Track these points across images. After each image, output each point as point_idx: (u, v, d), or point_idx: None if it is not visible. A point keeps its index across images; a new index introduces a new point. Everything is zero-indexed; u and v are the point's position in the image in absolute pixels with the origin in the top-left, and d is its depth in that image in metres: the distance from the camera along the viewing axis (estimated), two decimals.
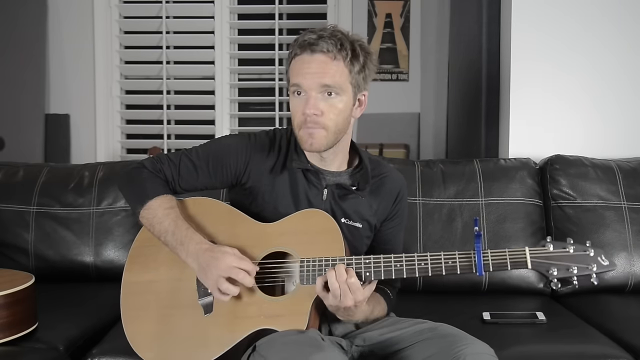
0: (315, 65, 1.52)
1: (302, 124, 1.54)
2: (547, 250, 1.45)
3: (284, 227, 1.55)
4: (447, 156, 3.08)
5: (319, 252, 1.49)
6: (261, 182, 1.61)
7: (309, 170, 1.61)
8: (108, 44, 3.35)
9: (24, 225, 2.25)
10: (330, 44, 1.51)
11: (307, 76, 1.52)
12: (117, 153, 3.39)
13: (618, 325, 1.88)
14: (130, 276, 1.62)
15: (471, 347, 1.37)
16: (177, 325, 1.54)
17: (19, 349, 1.65)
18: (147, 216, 1.58)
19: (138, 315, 1.58)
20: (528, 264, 1.44)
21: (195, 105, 3.44)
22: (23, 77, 3.16)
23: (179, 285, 1.56)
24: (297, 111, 1.56)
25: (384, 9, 3.33)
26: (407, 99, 3.30)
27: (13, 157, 2.57)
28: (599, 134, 2.52)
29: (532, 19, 2.50)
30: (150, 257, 1.61)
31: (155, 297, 1.58)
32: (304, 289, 1.48)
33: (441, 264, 1.45)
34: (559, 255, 1.44)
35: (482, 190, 2.23)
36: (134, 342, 1.56)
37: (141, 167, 1.64)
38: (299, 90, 1.54)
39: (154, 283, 1.59)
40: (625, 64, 2.51)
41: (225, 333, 1.49)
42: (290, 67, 1.59)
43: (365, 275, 1.46)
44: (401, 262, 1.46)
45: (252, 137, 1.66)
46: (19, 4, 3.16)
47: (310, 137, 1.53)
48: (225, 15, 3.34)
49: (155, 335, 1.55)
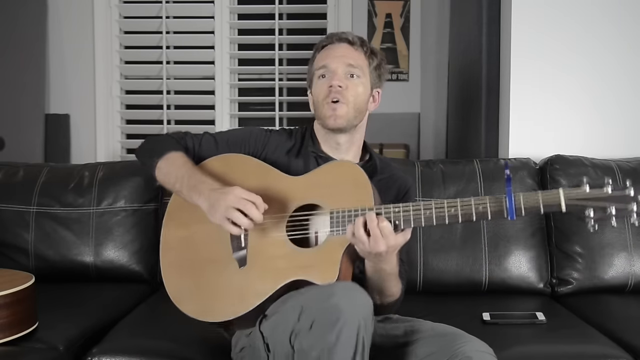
0: (341, 50, 1.70)
1: (326, 97, 1.65)
2: (583, 190, 1.36)
3: (313, 180, 1.58)
4: (447, 156, 3.08)
5: (349, 204, 1.50)
6: (277, 163, 1.67)
7: (321, 157, 1.69)
8: (108, 44, 3.35)
9: (24, 225, 2.25)
10: (354, 39, 1.72)
11: (334, 58, 1.68)
12: (117, 153, 3.39)
13: (618, 325, 1.87)
14: (168, 232, 1.67)
15: (470, 345, 1.39)
16: (214, 279, 1.57)
17: (19, 349, 1.65)
18: (164, 166, 1.63)
19: (177, 270, 1.62)
20: (562, 206, 1.37)
21: (195, 105, 3.44)
22: (23, 77, 3.16)
23: (214, 240, 1.58)
24: (322, 89, 1.68)
25: (384, 9, 3.33)
26: (407, 99, 3.30)
27: (13, 157, 2.57)
28: (599, 134, 2.52)
29: (532, 20, 2.50)
30: (186, 212, 1.63)
31: (192, 252, 1.61)
32: (335, 239, 1.49)
33: (471, 210, 1.42)
34: (595, 197, 1.34)
35: (482, 190, 2.23)
36: (175, 296, 1.60)
37: (164, 135, 1.76)
38: (324, 72, 1.68)
39: (190, 238, 1.62)
40: (625, 64, 2.51)
41: (259, 285, 1.52)
42: (315, 59, 1.73)
43: (395, 224, 1.46)
44: (430, 210, 1.45)
45: (270, 130, 1.78)
46: (19, 4, 3.16)
47: (333, 111, 1.64)
48: (225, 15, 3.34)
49: (194, 288, 1.59)
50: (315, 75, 1.71)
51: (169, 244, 1.66)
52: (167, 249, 1.66)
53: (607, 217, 1.35)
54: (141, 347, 1.67)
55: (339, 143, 1.70)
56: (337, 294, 1.32)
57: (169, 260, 1.65)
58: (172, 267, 1.64)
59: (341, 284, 1.41)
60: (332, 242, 1.50)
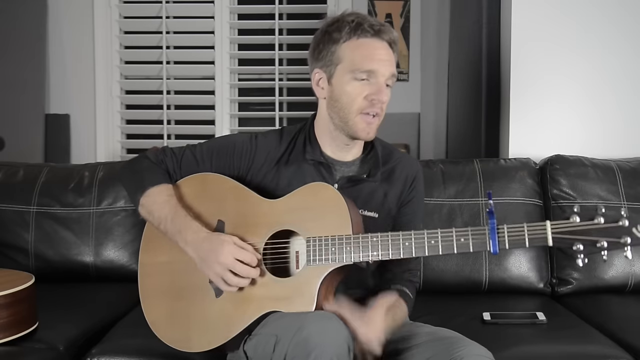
0: (385, 52, 1.53)
1: (363, 109, 1.53)
2: (572, 222, 1.26)
3: (290, 203, 1.53)
4: (447, 156, 3.07)
5: (326, 229, 1.47)
6: (266, 178, 1.61)
7: (322, 163, 1.61)
8: (108, 44, 3.35)
9: (24, 225, 2.25)
10: (392, 35, 1.54)
11: (381, 63, 1.52)
12: (117, 153, 3.39)
13: (618, 325, 1.88)
14: (146, 257, 1.65)
15: (469, 349, 1.37)
16: (191, 308, 1.55)
17: (19, 349, 1.65)
18: (147, 203, 1.58)
19: (155, 296, 1.61)
20: (549, 240, 1.29)
21: (195, 105, 3.43)
22: (23, 77, 3.16)
23: (192, 268, 1.55)
24: (358, 95, 1.53)
25: (384, 9, 3.33)
26: (407, 99, 3.29)
27: (13, 157, 2.57)
28: (599, 134, 2.52)
29: (532, 20, 2.50)
30: (164, 238, 1.60)
31: (170, 279, 1.59)
32: (312, 269, 1.47)
33: (452, 242, 1.40)
34: (586, 229, 1.25)
35: (482, 190, 2.23)
36: (152, 323, 1.59)
37: (143, 158, 1.66)
38: (368, 78, 1.52)
39: (168, 265, 1.60)
40: (625, 64, 2.51)
41: (234, 316, 1.50)
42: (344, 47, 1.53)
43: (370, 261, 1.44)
44: (410, 240, 1.42)
45: (256, 136, 1.67)
46: (18, 4, 3.16)
47: (368, 126, 1.55)
48: (225, 15, 3.34)
49: (171, 316, 1.57)
50: (348, 70, 1.52)
51: (147, 270, 1.64)
52: (146, 275, 1.64)
53: (597, 250, 1.27)
54: (141, 347, 1.67)
55: (348, 144, 1.63)
56: (307, 327, 1.30)
57: (147, 286, 1.63)
58: (150, 293, 1.62)
59: (313, 315, 1.37)
60: (310, 273, 1.47)
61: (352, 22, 1.52)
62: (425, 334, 1.49)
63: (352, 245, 1.44)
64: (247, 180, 1.63)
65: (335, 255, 1.45)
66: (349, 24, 1.52)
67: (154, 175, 1.61)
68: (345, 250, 1.44)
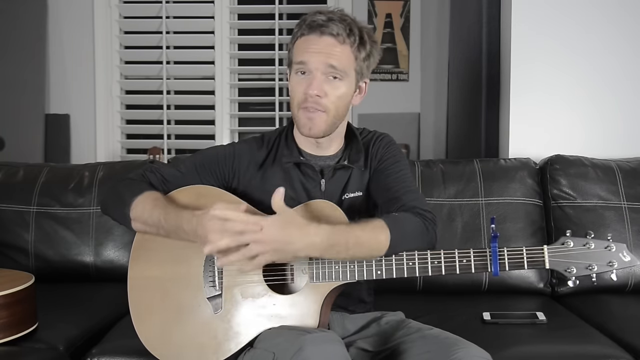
0: (323, 45, 1.49)
1: (301, 104, 1.51)
2: (567, 247, 1.40)
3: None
4: (447, 156, 3.08)
5: None
6: (251, 184, 1.60)
7: (302, 163, 1.59)
8: (108, 44, 3.35)
9: (24, 225, 2.25)
10: (340, 28, 1.49)
11: (313, 55, 1.49)
12: (117, 153, 3.39)
13: (618, 325, 1.87)
14: (136, 271, 1.58)
15: (466, 351, 1.34)
16: (187, 323, 1.51)
17: (19, 349, 1.65)
18: (137, 215, 1.52)
19: (147, 312, 1.55)
20: (546, 263, 1.40)
21: (195, 105, 3.44)
22: (23, 77, 3.16)
23: (186, 283, 1.52)
24: (298, 90, 1.52)
25: (384, 9, 3.33)
26: (407, 99, 3.30)
27: (13, 157, 2.57)
28: (599, 134, 2.52)
29: (532, 19, 2.50)
30: (153, 252, 1.57)
31: (163, 294, 1.54)
32: (314, 287, 1.46)
33: (455, 263, 1.41)
34: (579, 253, 1.40)
35: (482, 190, 2.23)
36: (145, 340, 1.54)
37: (120, 180, 1.62)
38: (303, 69, 1.51)
39: (160, 280, 1.55)
40: (625, 64, 2.51)
41: (235, 332, 1.47)
42: (294, 46, 1.55)
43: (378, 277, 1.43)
44: (414, 260, 1.42)
45: (237, 143, 1.67)
46: (18, 3, 3.16)
47: (309, 121, 1.52)
48: (225, 15, 3.34)
49: (166, 333, 1.52)
50: (292, 67, 1.54)
51: (137, 284, 1.57)
52: (136, 289, 1.57)
53: (588, 272, 1.41)
54: (141, 347, 1.66)
55: (318, 142, 1.59)
56: (306, 349, 1.26)
57: (138, 301, 1.56)
58: (142, 309, 1.55)
59: (313, 336, 1.32)
60: (311, 291, 1.45)
61: (305, 21, 1.52)
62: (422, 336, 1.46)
63: (355, 264, 1.44)
64: (234, 188, 1.61)
65: (339, 274, 1.45)
66: (302, 23, 1.53)
67: (134, 187, 1.57)
68: (348, 269, 1.44)
